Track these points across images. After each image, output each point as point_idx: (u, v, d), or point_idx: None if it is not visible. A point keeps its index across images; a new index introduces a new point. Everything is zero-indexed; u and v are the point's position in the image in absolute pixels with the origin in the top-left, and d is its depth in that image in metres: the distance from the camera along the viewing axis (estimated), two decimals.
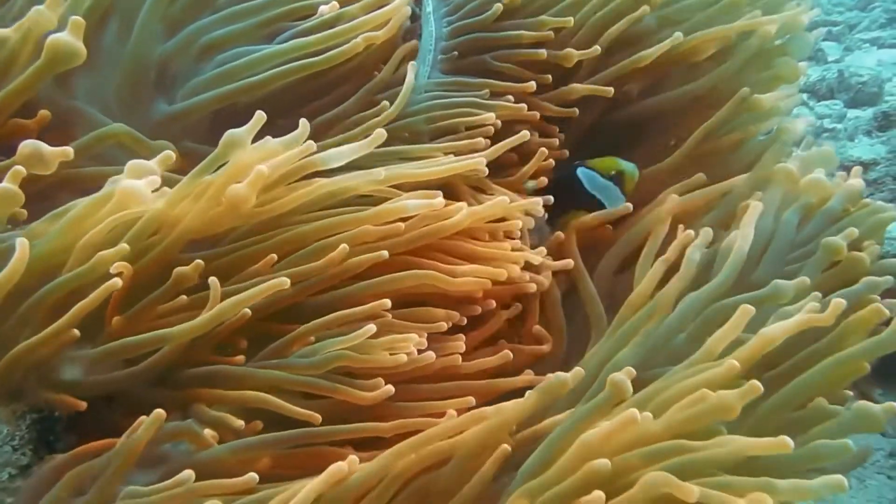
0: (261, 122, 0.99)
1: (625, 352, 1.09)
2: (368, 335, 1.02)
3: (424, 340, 1.07)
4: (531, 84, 1.41)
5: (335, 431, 1.01)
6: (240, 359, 1.05)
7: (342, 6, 1.30)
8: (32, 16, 1.02)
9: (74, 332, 0.92)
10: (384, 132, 1.12)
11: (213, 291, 0.97)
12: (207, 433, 0.98)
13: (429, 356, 1.07)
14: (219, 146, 0.99)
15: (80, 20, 1.02)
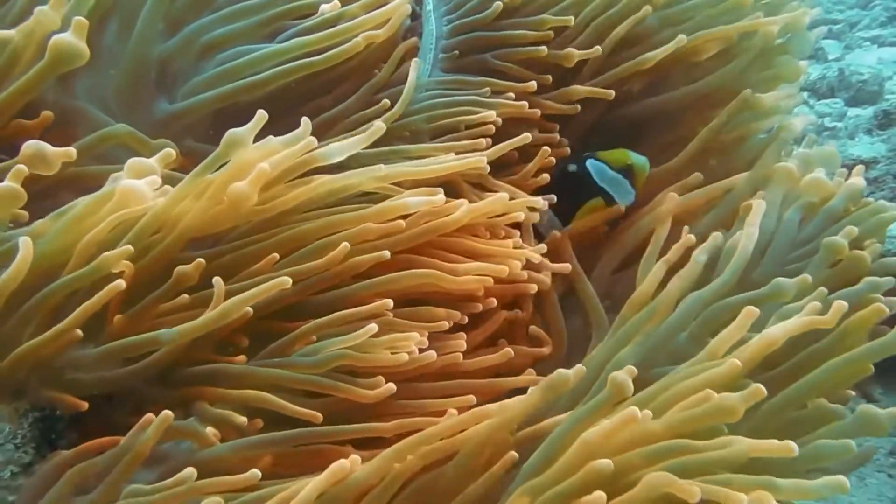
0: (262, 122, 0.99)
1: (626, 351, 1.09)
2: (370, 334, 1.02)
3: (426, 340, 1.07)
4: (532, 83, 1.41)
5: (337, 431, 1.01)
6: (241, 358, 1.05)
7: (343, 5, 1.30)
8: (36, 16, 1.02)
9: (78, 333, 0.92)
10: (383, 125, 1.12)
11: (217, 291, 0.97)
12: (209, 431, 0.98)
13: (430, 355, 1.07)
14: (220, 145, 0.99)
15: (84, 21, 1.02)
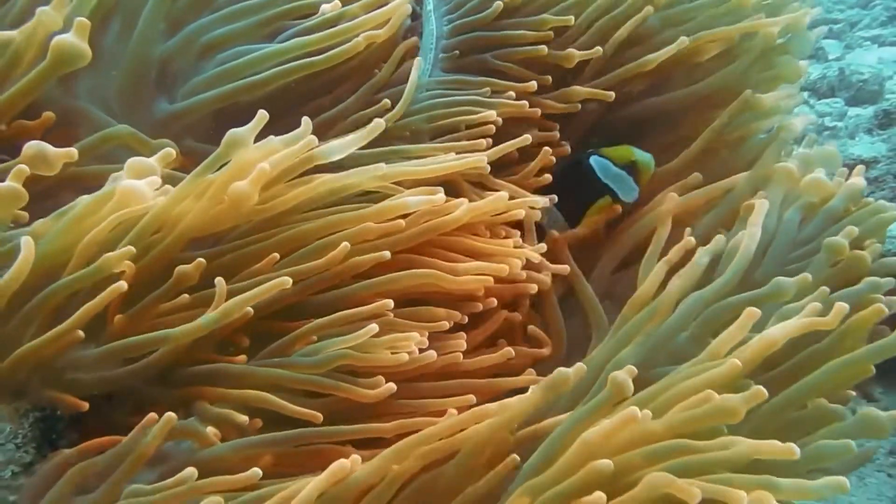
0: (263, 122, 0.99)
1: (626, 351, 1.09)
2: (371, 335, 1.02)
3: (426, 340, 1.07)
4: (532, 83, 1.41)
5: (337, 432, 1.01)
6: (242, 357, 1.05)
7: (343, 5, 1.30)
8: (38, 16, 1.01)
9: (79, 334, 0.92)
10: (382, 122, 1.12)
11: (220, 292, 0.97)
12: (210, 431, 0.98)
13: (430, 355, 1.07)
14: (221, 145, 0.99)
15: (86, 21, 1.01)
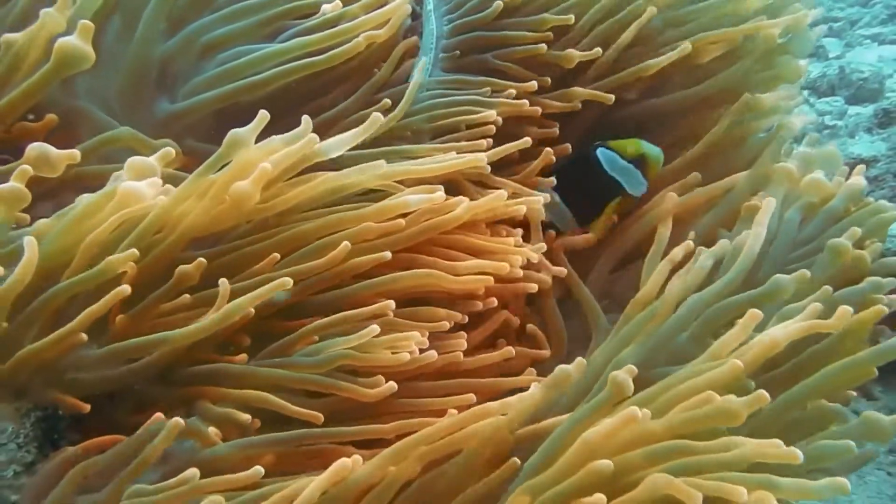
0: (264, 122, 0.99)
1: (627, 351, 1.09)
2: (372, 335, 1.02)
3: (426, 340, 1.07)
4: (532, 83, 1.40)
5: (338, 433, 1.01)
6: (242, 357, 1.05)
7: (343, 5, 1.30)
8: (42, 18, 1.01)
9: (82, 337, 0.92)
10: (380, 116, 1.12)
11: (222, 292, 0.97)
12: (211, 431, 0.98)
13: (430, 355, 1.07)
14: (222, 145, 0.99)
15: (89, 24, 1.02)
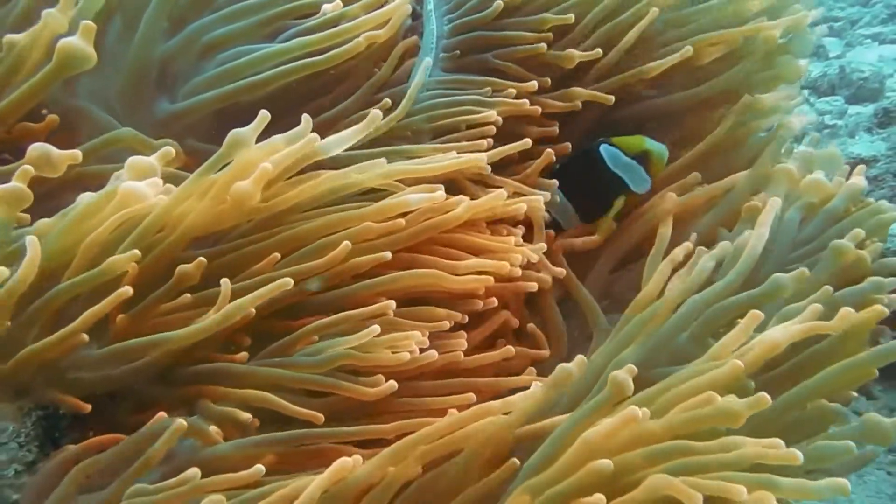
0: (265, 122, 0.99)
1: (628, 351, 1.09)
2: (372, 336, 1.02)
3: (426, 339, 1.07)
4: (533, 83, 1.40)
5: (339, 433, 1.01)
6: (243, 355, 1.05)
7: (344, 5, 1.30)
8: (44, 19, 1.02)
9: (84, 337, 0.92)
10: (380, 113, 1.12)
11: (224, 293, 0.97)
12: (213, 430, 0.98)
13: (431, 355, 1.07)
14: (223, 145, 0.99)
15: (91, 25, 1.02)
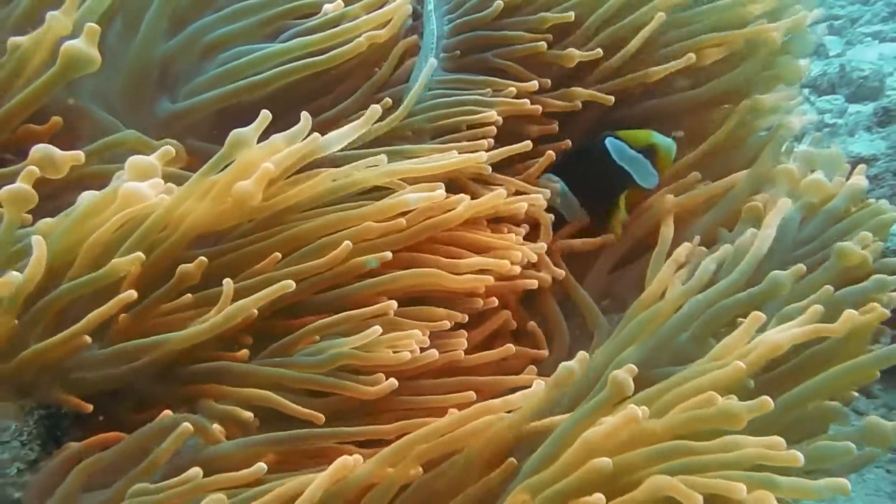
0: (266, 122, 1.00)
1: (629, 351, 1.09)
2: (373, 337, 1.03)
3: (427, 339, 1.07)
4: (533, 83, 1.40)
5: (340, 433, 1.02)
6: (244, 354, 1.05)
7: (344, 5, 1.30)
8: (48, 21, 1.02)
9: (87, 339, 0.93)
10: (379, 108, 1.12)
11: (226, 293, 0.98)
12: (216, 428, 0.98)
13: (432, 354, 1.07)
14: (225, 146, 0.99)
15: (95, 27, 1.02)
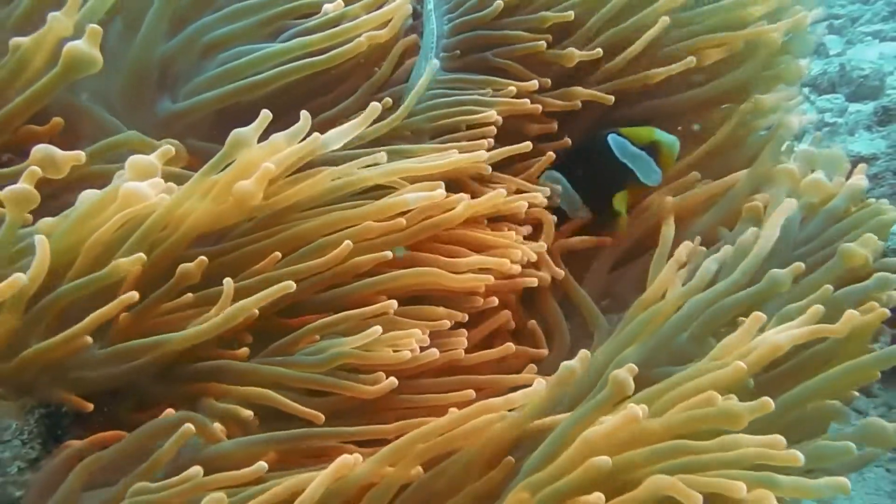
0: (266, 121, 1.00)
1: (629, 350, 1.09)
2: (373, 337, 1.03)
3: (427, 338, 1.07)
4: (533, 82, 1.40)
5: (341, 433, 1.02)
6: (244, 352, 1.05)
7: (345, 4, 1.30)
8: (50, 22, 1.02)
9: (88, 340, 0.93)
10: (378, 105, 1.12)
11: (226, 293, 0.98)
12: (217, 427, 0.98)
13: (432, 353, 1.07)
14: (225, 145, 1.00)
15: (98, 28, 1.02)
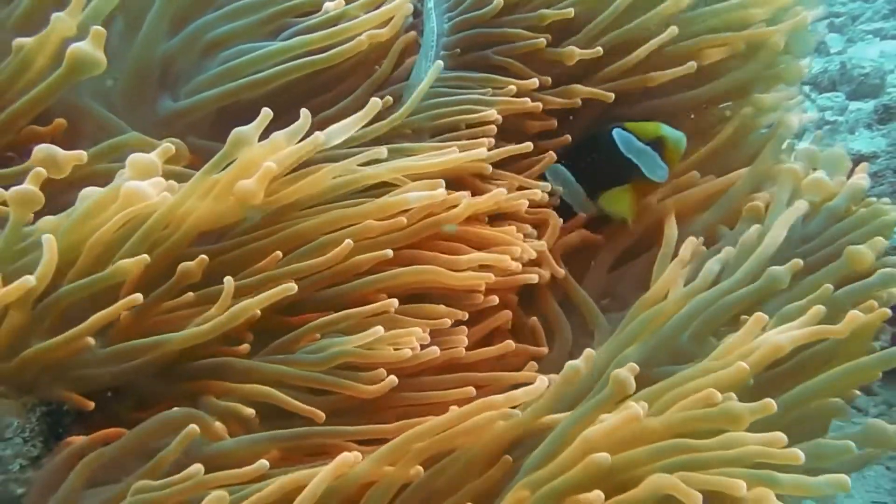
0: (267, 120, 1.00)
1: (630, 349, 1.10)
2: (374, 337, 1.03)
3: (427, 336, 1.07)
4: (534, 81, 1.39)
5: (342, 432, 1.02)
6: (245, 348, 1.05)
7: (345, 3, 1.30)
8: (53, 23, 1.02)
9: (89, 341, 0.93)
10: (379, 101, 1.12)
11: (227, 292, 0.98)
12: (218, 426, 0.99)
13: (432, 351, 1.08)
14: (226, 144, 1.00)
15: (101, 30, 1.02)
